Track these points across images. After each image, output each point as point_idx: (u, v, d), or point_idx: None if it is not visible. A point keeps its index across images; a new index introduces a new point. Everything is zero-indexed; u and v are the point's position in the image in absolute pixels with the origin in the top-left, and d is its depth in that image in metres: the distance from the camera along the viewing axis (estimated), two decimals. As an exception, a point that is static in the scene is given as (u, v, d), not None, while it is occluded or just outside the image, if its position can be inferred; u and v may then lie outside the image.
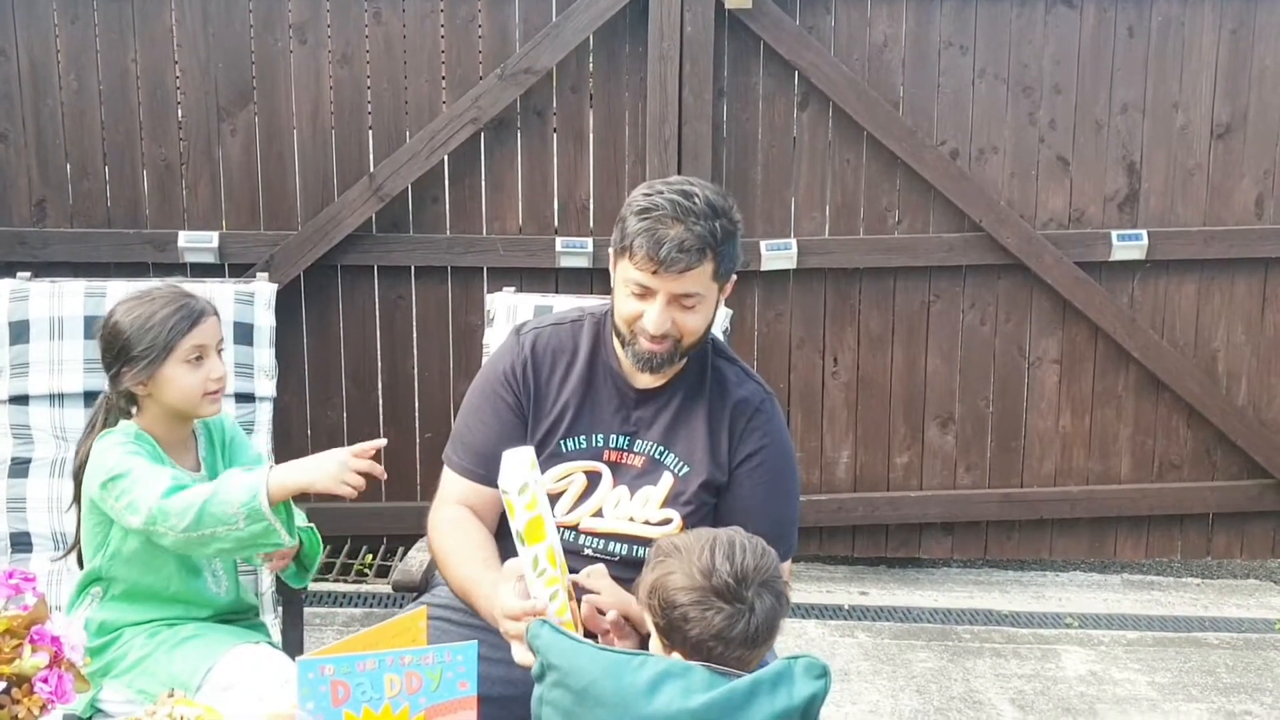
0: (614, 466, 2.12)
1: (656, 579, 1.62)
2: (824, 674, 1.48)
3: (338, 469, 1.93)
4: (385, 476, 1.98)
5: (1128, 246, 4.06)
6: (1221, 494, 4.25)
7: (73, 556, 2.30)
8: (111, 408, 2.22)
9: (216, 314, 2.22)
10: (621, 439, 2.12)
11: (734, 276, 2.10)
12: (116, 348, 2.15)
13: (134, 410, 2.20)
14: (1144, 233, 4.06)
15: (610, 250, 2.09)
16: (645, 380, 2.12)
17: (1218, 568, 4.49)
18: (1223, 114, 4.05)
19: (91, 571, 2.20)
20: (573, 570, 1.99)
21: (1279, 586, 4.36)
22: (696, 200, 1.98)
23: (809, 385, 4.12)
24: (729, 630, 1.56)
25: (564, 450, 2.12)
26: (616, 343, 2.11)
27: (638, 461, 2.12)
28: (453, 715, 1.44)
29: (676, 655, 1.60)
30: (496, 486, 2.02)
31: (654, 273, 1.96)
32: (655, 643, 1.65)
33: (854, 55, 3.94)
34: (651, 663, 1.51)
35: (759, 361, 4.07)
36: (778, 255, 3.98)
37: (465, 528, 2.09)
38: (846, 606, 4.04)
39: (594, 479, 2.11)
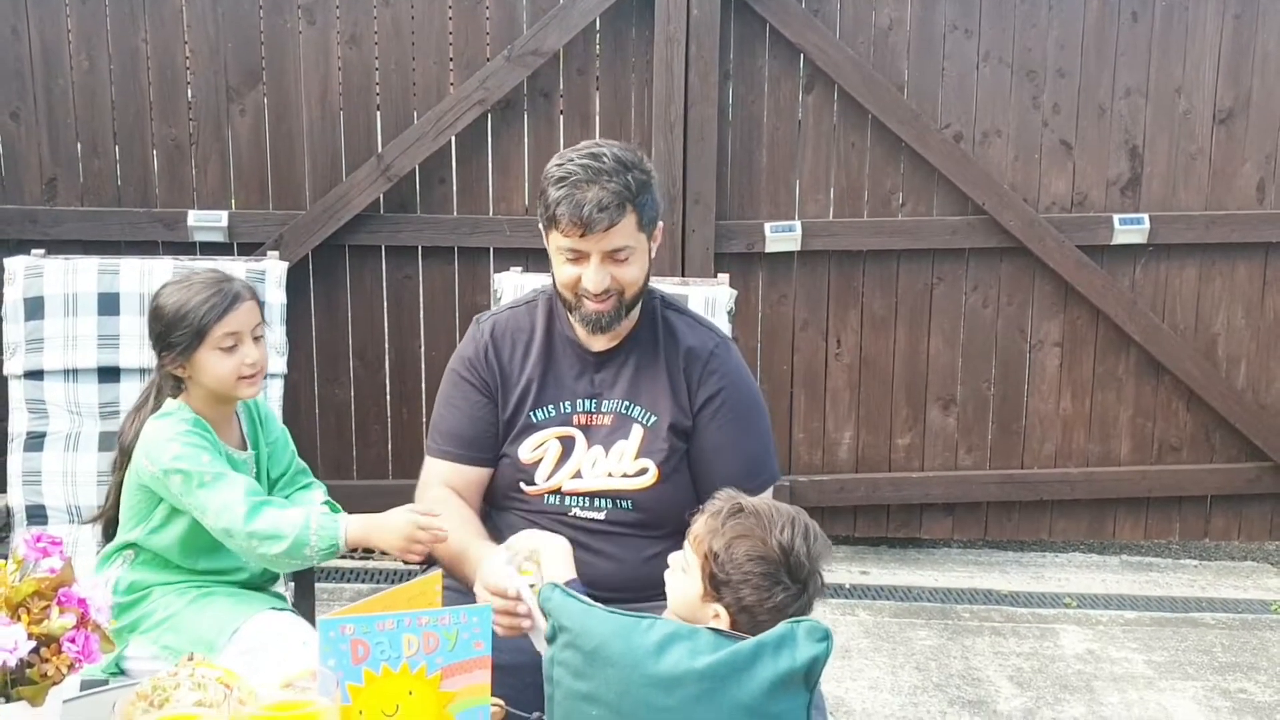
0: (585, 429, 2.19)
1: (732, 537, 1.63)
2: (826, 637, 1.51)
3: (404, 542, 2.02)
4: (446, 538, 2.04)
5: (1129, 230, 4.08)
6: (1220, 476, 4.29)
7: (98, 524, 2.34)
8: (161, 387, 2.25)
9: (255, 297, 2.24)
10: (588, 402, 2.20)
11: (660, 224, 2.16)
12: (157, 332, 2.20)
13: (182, 388, 2.23)
14: (1146, 217, 4.08)
15: (539, 224, 2.15)
16: (601, 343, 2.19)
17: (1215, 549, 4.53)
18: (1225, 99, 4.07)
19: (127, 540, 2.24)
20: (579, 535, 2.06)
21: (1275, 568, 4.40)
22: (605, 159, 2.05)
23: (812, 367, 4.16)
24: (787, 606, 1.61)
25: (535, 421, 2.20)
26: (565, 310, 2.18)
27: (607, 420, 2.19)
28: (468, 674, 1.48)
29: (717, 607, 1.63)
30: (475, 466, 2.19)
31: (581, 235, 2.04)
32: (695, 586, 1.65)
33: (859, 38, 3.96)
34: (660, 625, 1.55)
35: (763, 343, 4.11)
36: (782, 237, 4.01)
37: (450, 505, 2.17)
38: (848, 585, 4.08)
39: (568, 444, 2.19)
